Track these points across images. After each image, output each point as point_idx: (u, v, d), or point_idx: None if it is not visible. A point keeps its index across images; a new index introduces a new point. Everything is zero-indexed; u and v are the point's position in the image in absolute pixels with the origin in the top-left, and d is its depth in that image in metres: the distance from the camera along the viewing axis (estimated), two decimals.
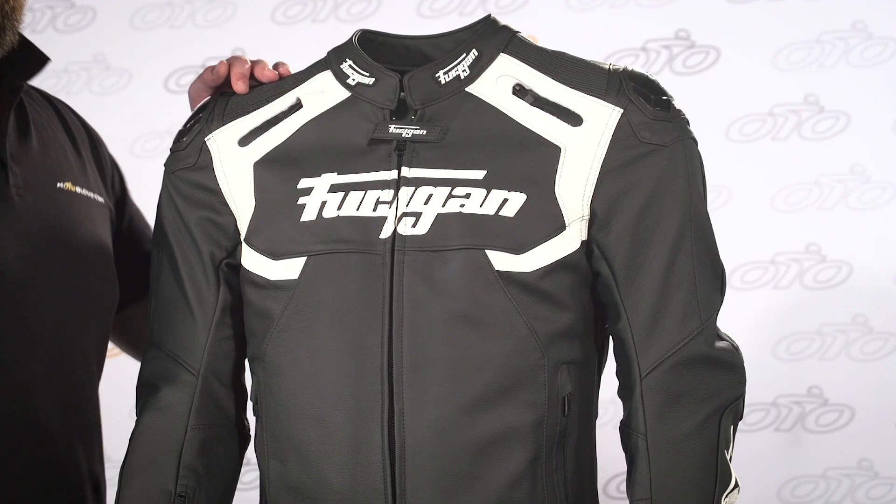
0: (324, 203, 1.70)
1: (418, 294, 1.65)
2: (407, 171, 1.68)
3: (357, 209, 1.68)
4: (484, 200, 1.66)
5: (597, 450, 1.80)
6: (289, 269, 1.70)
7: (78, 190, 1.85)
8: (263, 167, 1.75)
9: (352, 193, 1.69)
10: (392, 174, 1.68)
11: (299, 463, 1.72)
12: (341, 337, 1.67)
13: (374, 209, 1.68)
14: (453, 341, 1.65)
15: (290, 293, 1.70)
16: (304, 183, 1.72)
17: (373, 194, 1.68)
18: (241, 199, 1.76)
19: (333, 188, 1.70)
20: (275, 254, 1.71)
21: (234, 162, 1.77)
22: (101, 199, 1.90)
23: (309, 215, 1.70)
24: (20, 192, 1.77)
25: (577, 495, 1.74)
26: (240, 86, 1.81)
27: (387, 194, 1.68)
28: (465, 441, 1.65)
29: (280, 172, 1.74)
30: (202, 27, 2.00)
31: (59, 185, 1.83)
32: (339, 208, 1.69)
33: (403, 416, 1.65)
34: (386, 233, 1.67)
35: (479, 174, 1.67)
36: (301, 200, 1.71)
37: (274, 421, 1.75)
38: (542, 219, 1.66)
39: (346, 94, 1.75)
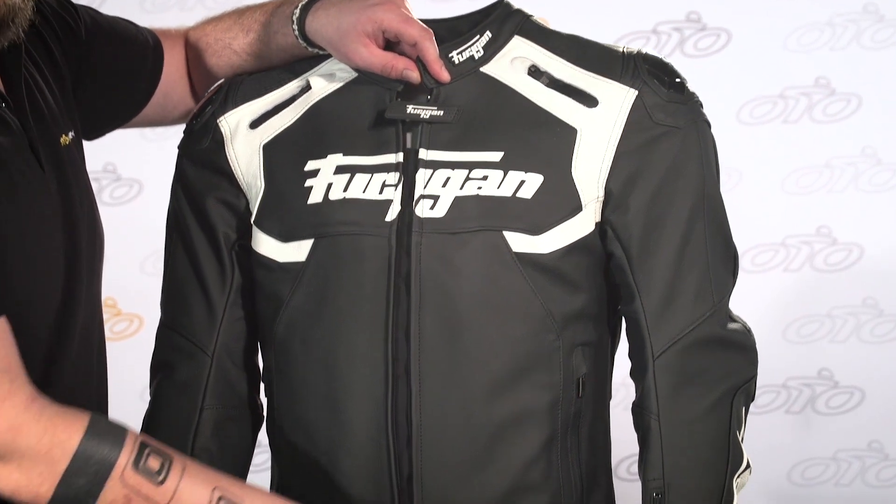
0: (330, 185, 1.70)
1: (436, 276, 1.65)
2: (424, 154, 1.67)
3: (363, 192, 1.68)
4: (501, 182, 1.66)
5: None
6: (297, 251, 1.70)
7: (64, 139, 1.73)
8: (272, 149, 1.76)
9: (358, 176, 1.69)
10: (398, 157, 1.69)
11: (310, 445, 1.72)
12: (350, 320, 1.68)
13: (381, 192, 1.68)
14: (471, 323, 1.65)
15: (299, 275, 1.70)
16: (310, 165, 1.72)
17: (379, 177, 1.68)
18: (252, 181, 1.76)
19: (339, 170, 1.70)
20: (283, 236, 1.72)
21: (244, 144, 1.78)
22: (72, 134, 1.76)
23: (315, 197, 1.70)
24: (49, 178, 1.67)
25: (592, 476, 1.75)
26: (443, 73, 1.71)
27: (392, 177, 1.68)
28: (481, 423, 1.66)
29: (287, 154, 1.74)
30: (212, 10, 2.00)
31: (59, 143, 1.72)
32: (345, 190, 1.69)
33: (421, 397, 1.66)
34: (391, 215, 1.67)
35: (497, 156, 1.67)
36: (308, 183, 1.71)
37: (285, 402, 1.75)
38: (559, 200, 1.66)
39: (353, 75, 1.75)
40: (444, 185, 1.66)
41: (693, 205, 1.69)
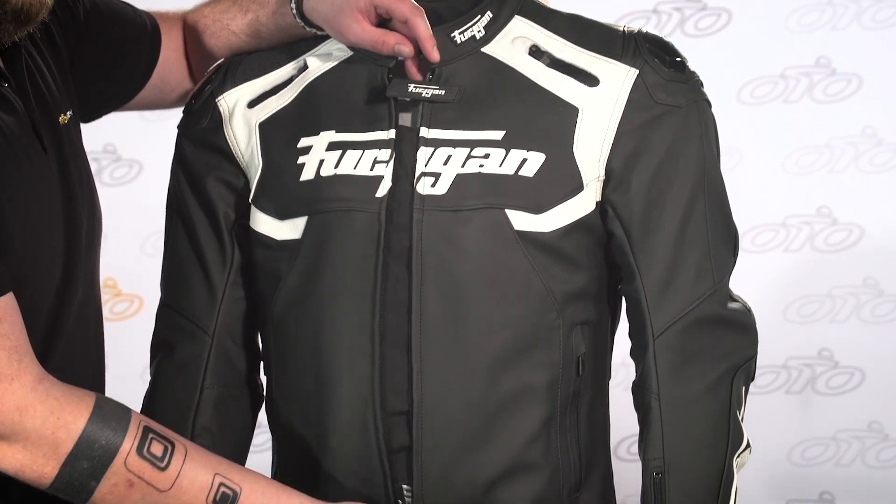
0: (322, 161, 1.70)
1: (438, 253, 1.65)
2: (425, 132, 1.67)
3: (354, 168, 1.69)
4: (503, 160, 1.66)
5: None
6: (293, 229, 1.71)
7: (63, 119, 1.72)
8: (267, 128, 1.76)
9: (349, 152, 1.69)
10: (390, 133, 1.68)
11: (303, 423, 1.73)
12: (338, 296, 1.68)
13: (372, 168, 1.68)
14: (472, 301, 1.65)
15: (295, 253, 1.70)
16: (303, 142, 1.72)
17: (370, 153, 1.68)
18: (250, 160, 1.76)
19: (331, 146, 1.70)
20: (279, 214, 1.72)
21: (243, 123, 1.77)
22: (70, 113, 1.75)
23: (308, 174, 1.70)
24: (50, 159, 1.67)
25: (590, 455, 1.75)
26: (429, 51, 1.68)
27: (384, 153, 1.68)
28: (481, 400, 1.66)
29: (282, 132, 1.74)
30: None
31: (59, 123, 1.71)
32: (336, 166, 1.69)
33: (422, 374, 1.66)
34: (382, 191, 1.67)
35: (498, 134, 1.67)
36: (301, 160, 1.71)
37: (281, 381, 1.76)
38: (561, 179, 1.66)
39: (349, 54, 1.75)
40: (445, 163, 1.66)
41: (693, 184, 1.69)
